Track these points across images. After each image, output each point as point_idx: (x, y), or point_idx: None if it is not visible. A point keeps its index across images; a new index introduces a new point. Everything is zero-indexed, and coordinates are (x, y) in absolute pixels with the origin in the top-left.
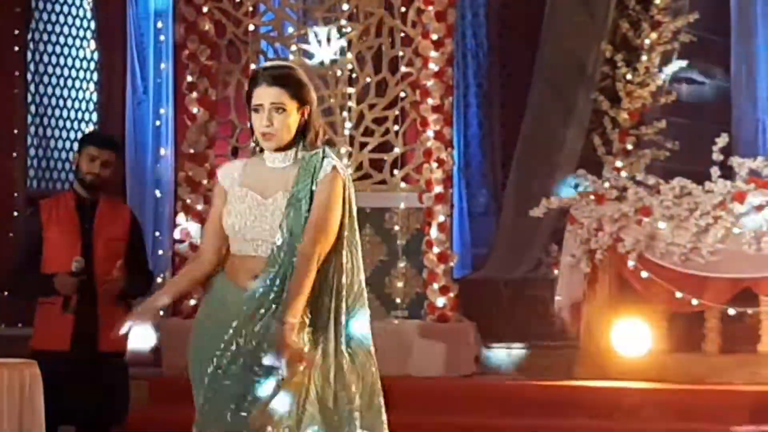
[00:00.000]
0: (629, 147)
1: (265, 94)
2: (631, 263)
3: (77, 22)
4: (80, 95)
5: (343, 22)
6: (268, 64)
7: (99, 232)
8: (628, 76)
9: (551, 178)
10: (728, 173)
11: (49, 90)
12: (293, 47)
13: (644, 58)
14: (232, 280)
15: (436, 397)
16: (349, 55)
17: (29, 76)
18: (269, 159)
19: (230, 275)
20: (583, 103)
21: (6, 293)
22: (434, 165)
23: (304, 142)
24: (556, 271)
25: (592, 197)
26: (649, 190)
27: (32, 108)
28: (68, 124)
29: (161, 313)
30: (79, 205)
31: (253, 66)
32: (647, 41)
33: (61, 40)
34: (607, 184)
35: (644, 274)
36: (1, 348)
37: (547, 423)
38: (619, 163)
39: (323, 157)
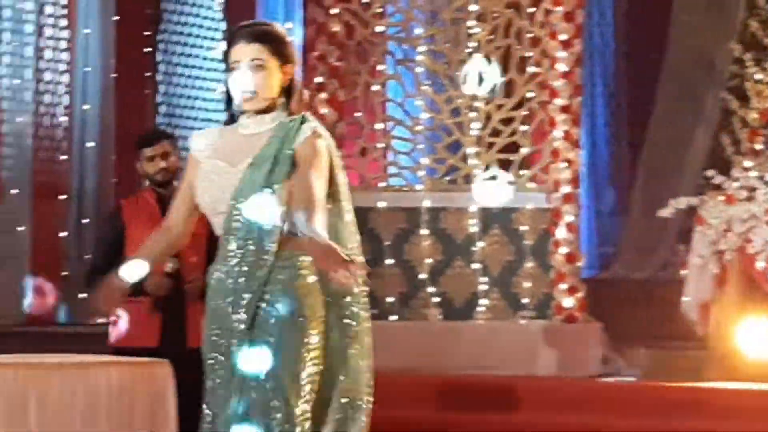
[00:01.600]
0: (758, 147)
1: (243, 51)
2: (760, 264)
3: (206, 23)
4: (209, 95)
5: (471, 23)
6: (246, 22)
7: None
8: (758, 76)
9: (679, 177)
10: None
11: (179, 90)
12: (421, 48)
13: None
14: (218, 262)
15: (562, 397)
16: (477, 56)
17: (159, 77)
18: (243, 125)
19: (217, 258)
20: (711, 103)
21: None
22: (562, 165)
23: (288, 104)
24: (683, 272)
25: (721, 197)
26: None
27: (162, 108)
28: (197, 124)
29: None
30: (160, 202)
31: (380, 67)
32: None
33: (191, 41)
34: (736, 184)
35: None
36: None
37: (674, 425)
38: (748, 163)
39: (302, 122)
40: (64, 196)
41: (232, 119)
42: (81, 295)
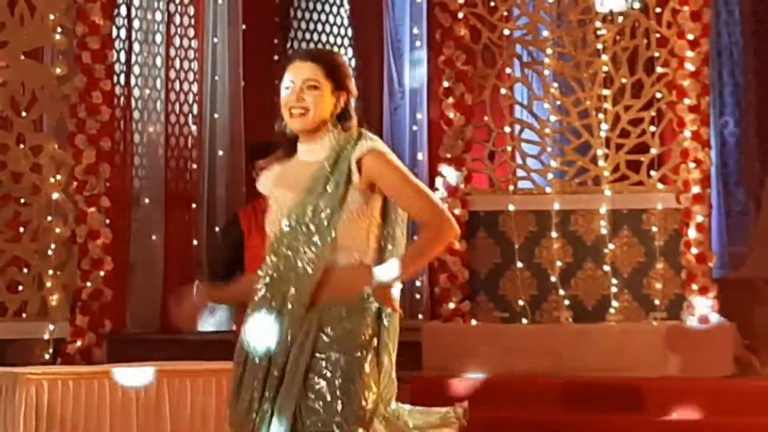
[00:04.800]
0: None
1: (297, 70)
2: None
3: (335, 30)
4: None
5: (598, 24)
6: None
7: None
8: None
9: None
10: None
11: None
12: (548, 50)
13: None
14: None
15: (695, 399)
16: (604, 57)
17: None
18: (304, 152)
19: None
20: None
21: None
22: (691, 165)
23: (342, 129)
24: None
25: None
26: None
27: None
28: None
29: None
30: None
31: (507, 70)
32: None
33: (320, 48)
34: None
35: None
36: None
37: None
38: None
39: (359, 137)
40: (195, 205)
41: (291, 145)
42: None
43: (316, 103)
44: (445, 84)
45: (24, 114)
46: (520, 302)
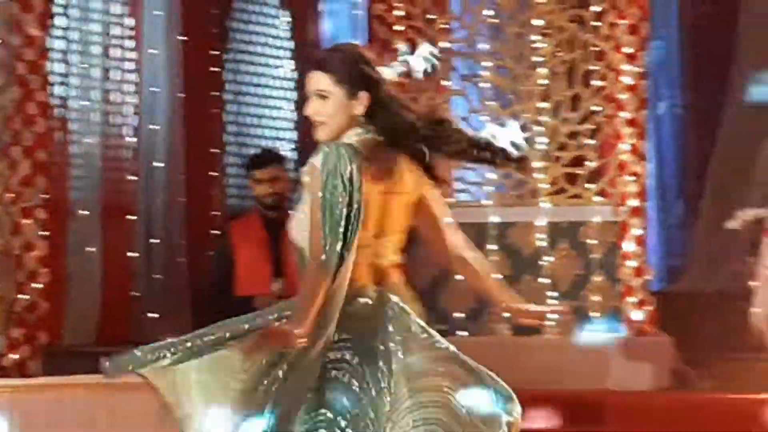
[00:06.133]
0: None
1: (310, 80)
2: None
3: (273, 41)
4: (277, 114)
5: (536, 37)
6: (328, 47)
7: (290, 250)
8: None
9: (748, 188)
10: None
11: (247, 109)
12: (486, 63)
13: None
14: None
15: (633, 412)
16: (542, 70)
17: (226, 96)
18: None
19: None
20: None
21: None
22: (629, 178)
23: (389, 136)
24: (753, 283)
25: None
26: None
27: (230, 128)
28: (266, 143)
29: None
30: (267, 224)
31: (444, 83)
32: None
33: (258, 59)
34: None
35: None
36: None
37: None
38: None
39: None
40: (133, 217)
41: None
42: (150, 315)
43: (327, 114)
44: None
45: None
46: (458, 315)
